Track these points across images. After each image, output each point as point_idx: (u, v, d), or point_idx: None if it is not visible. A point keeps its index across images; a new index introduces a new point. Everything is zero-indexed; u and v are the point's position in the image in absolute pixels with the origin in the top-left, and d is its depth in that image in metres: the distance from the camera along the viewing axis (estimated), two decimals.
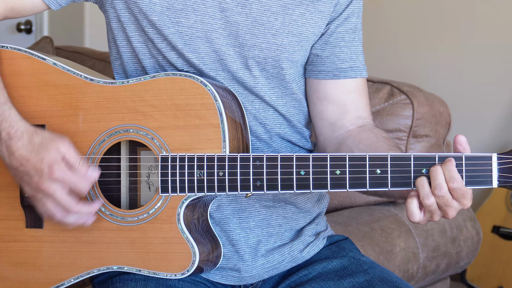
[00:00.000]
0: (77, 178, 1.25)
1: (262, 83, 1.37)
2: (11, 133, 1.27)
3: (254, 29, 1.34)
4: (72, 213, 1.27)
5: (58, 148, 1.25)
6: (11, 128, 1.27)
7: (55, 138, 1.27)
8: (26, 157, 1.26)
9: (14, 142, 1.26)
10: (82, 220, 1.28)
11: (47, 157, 1.25)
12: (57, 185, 1.25)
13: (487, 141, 3.29)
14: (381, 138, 1.38)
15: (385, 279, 1.37)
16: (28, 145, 1.26)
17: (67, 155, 1.25)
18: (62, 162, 1.25)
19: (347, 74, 1.42)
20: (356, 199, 2.16)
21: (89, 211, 1.28)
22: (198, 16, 1.33)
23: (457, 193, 1.17)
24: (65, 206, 1.26)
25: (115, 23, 1.37)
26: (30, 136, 1.27)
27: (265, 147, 1.39)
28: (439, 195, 1.17)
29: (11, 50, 1.38)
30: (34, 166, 1.25)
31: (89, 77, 1.34)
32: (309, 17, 1.38)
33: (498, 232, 3.00)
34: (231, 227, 1.38)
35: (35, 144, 1.26)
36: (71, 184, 1.25)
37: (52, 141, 1.26)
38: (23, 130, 1.27)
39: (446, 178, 1.17)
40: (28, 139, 1.26)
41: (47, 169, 1.24)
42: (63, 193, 1.25)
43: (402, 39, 3.57)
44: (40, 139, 1.26)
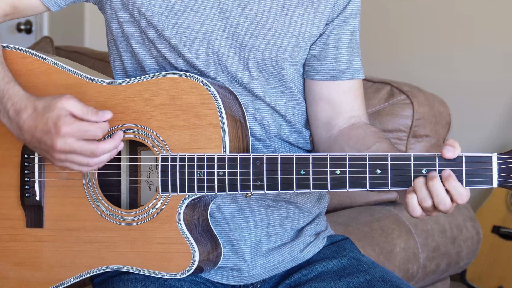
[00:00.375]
0: (87, 125, 1.22)
1: (262, 83, 1.37)
2: (17, 108, 1.26)
3: (254, 30, 1.34)
4: (99, 153, 1.23)
5: (62, 105, 1.22)
6: (16, 104, 1.26)
7: (57, 97, 1.23)
8: (33, 126, 1.23)
9: (21, 116, 1.25)
10: (114, 152, 1.25)
11: (50, 117, 1.22)
12: (70, 139, 1.21)
13: (487, 141, 3.29)
14: (369, 132, 1.38)
15: (385, 279, 1.37)
16: (32, 113, 1.24)
17: (73, 109, 1.22)
18: (67, 115, 1.21)
19: (343, 76, 1.42)
20: (356, 199, 2.16)
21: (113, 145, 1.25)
22: (198, 17, 1.33)
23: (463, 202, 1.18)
24: (87, 151, 1.23)
25: (115, 24, 1.37)
26: (34, 104, 1.25)
27: (264, 148, 1.39)
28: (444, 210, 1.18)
29: (11, 49, 1.38)
30: (42, 130, 1.23)
31: (90, 77, 1.34)
32: (308, 18, 1.38)
33: (498, 232, 3.00)
34: (231, 227, 1.38)
35: (39, 109, 1.24)
36: (82, 133, 1.22)
37: (54, 100, 1.23)
38: (26, 102, 1.26)
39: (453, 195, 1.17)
40: (32, 108, 1.25)
41: (53, 128, 1.21)
42: (80, 143, 1.22)
43: (402, 39, 3.57)
44: (43, 103, 1.24)
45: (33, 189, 1.36)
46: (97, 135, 1.23)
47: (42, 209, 1.36)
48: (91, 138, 1.23)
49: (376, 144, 1.33)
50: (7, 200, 1.38)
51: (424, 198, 1.18)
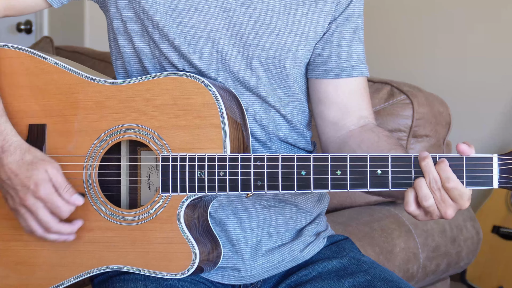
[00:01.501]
0: (60, 202, 1.29)
1: (265, 83, 1.37)
2: (5, 146, 1.30)
3: (258, 29, 1.35)
4: (52, 232, 1.31)
5: (47, 170, 1.28)
6: (5, 142, 1.30)
7: (46, 159, 1.30)
8: (15, 172, 1.28)
9: (6, 156, 1.29)
10: (62, 238, 1.32)
11: (35, 175, 1.28)
12: (40, 204, 1.29)
13: (487, 141, 3.29)
14: (382, 137, 1.38)
15: (385, 279, 1.37)
16: (19, 161, 1.29)
17: (54, 178, 1.28)
18: (49, 182, 1.28)
19: (348, 73, 1.42)
20: (356, 199, 2.16)
21: (69, 231, 1.31)
22: (202, 16, 1.33)
23: (453, 193, 1.18)
24: (46, 225, 1.30)
25: (117, 23, 1.37)
26: (23, 153, 1.30)
27: (264, 149, 1.39)
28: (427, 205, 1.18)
29: (12, 49, 1.38)
30: (22, 181, 1.28)
31: (90, 77, 1.34)
32: (311, 16, 1.38)
33: (498, 232, 3.00)
34: (231, 227, 1.38)
35: (26, 161, 1.29)
36: (53, 206, 1.29)
37: (42, 161, 1.29)
38: (16, 146, 1.30)
39: (442, 178, 1.18)
40: (20, 155, 1.29)
41: (33, 186, 1.28)
42: (45, 213, 1.29)
43: (402, 39, 3.57)
44: (32, 158, 1.29)
45: None
46: (62, 216, 1.30)
47: None
48: (57, 215, 1.29)
49: (391, 152, 1.32)
50: None
51: (424, 197, 1.18)
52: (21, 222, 1.32)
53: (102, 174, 1.33)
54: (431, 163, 1.18)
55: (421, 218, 1.22)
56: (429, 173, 1.18)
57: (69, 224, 1.31)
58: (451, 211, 1.19)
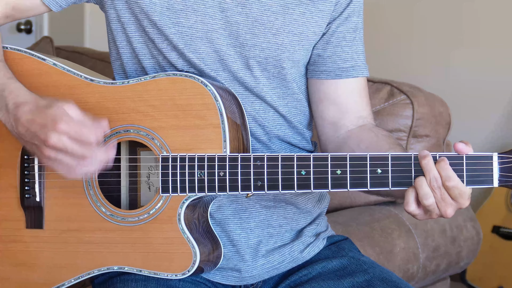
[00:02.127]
0: (83, 127, 1.21)
1: (264, 83, 1.37)
2: (18, 102, 1.26)
3: (255, 29, 1.34)
4: (89, 158, 1.22)
5: (62, 105, 1.22)
6: (17, 98, 1.26)
7: (60, 100, 1.24)
8: (31, 119, 1.23)
9: (20, 109, 1.25)
10: (103, 161, 1.23)
11: (51, 113, 1.21)
12: (64, 137, 1.20)
13: (487, 141, 3.29)
14: (381, 137, 1.38)
15: (385, 279, 1.37)
16: (34, 109, 1.24)
17: (72, 112, 1.22)
18: (67, 115, 1.21)
19: (348, 74, 1.42)
20: (356, 199, 2.16)
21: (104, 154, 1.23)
22: (198, 17, 1.33)
23: (454, 192, 1.18)
24: (79, 154, 1.21)
25: (115, 23, 1.37)
26: (36, 100, 1.25)
27: (264, 149, 1.39)
28: (427, 204, 1.18)
29: (10, 50, 1.38)
30: (39, 123, 1.22)
31: (89, 78, 1.34)
32: (309, 16, 1.38)
33: (498, 232, 3.00)
34: (231, 227, 1.38)
35: (40, 105, 1.24)
36: (77, 134, 1.21)
37: (56, 101, 1.23)
38: (29, 97, 1.26)
39: (442, 177, 1.17)
40: (34, 104, 1.25)
41: (50, 122, 1.20)
42: (73, 143, 1.21)
43: (402, 39, 3.57)
44: (46, 102, 1.24)
45: (33, 190, 1.35)
46: (90, 139, 1.21)
47: (42, 210, 1.36)
48: (85, 141, 1.21)
49: (390, 151, 1.32)
50: (7, 201, 1.37)
51: (425, 195, 1.18)
52: (58, 169, 1.24)
53: (102, 175, 1.33)
54: (431, 162, 1.18)
55: (420, 217, 1.22)
56: (429, 172, 1.18)
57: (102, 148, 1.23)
58: (451, 210, 1.19)
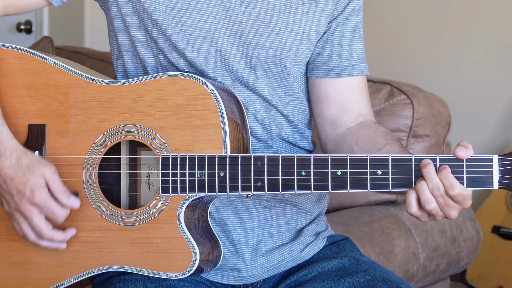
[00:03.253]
0: (56, 207, 1.29)
1: (266, 82, 1.37)
2: (1, 150, 1.29)
3: (258, 28, 1.35)
4: (44, 239, 1.31)
5: (44, 174, 1.28)
6: (1, 145, 1.29)
7: (43, 163, 1.29)
8: (10, 176, 1.28)
9: (2, 160, 1.28)
10: (55, 245, 1.32)
11: (31, 180, 1.27)
12: (35, 210, 1.28)
13: (487, 141, 3.29)
14: (379, 133, 1.38)
15: (385, 279, 1.37)
16: (15, 165, 1.28)
17: (51, 182, 1.28)
18: (45, 188, 1.28)
19: (348, 72, 1.42)
20: (356, 199, 2.16)
21: (61, 238, 1.31)
22: (202, 16, 1.33)
23: (457, 198, 1.18)
24: (39, 231, 1.30)
25: (118, 21, 1.37)
26: (19, 157, 1.29)
27: (265, 148, 1.39)
28: (429, 209, 1.18)
29: (11, 49, 1.37)
30: (17, 187, 1.28)
31: (90, 77, 1.34)
32: (312, 15, 1.38)
33: (498, 232, 3.00)
34: (231, 227, 1.38)
35: (22, 165, 1.28)
36: (48, 211, 1.29)
37: (39, 164, 1.28)
38: (12, 150, 1.29)
39: (445, 186, 1.17)
40: (16, 160, 1.29)
41: (28, 192, 1.27)
42: (39, 219, 1.29)
43: (402, 39, 3.57)
44: (28, 162, 1.29)
45: None
46: (58, 221, 1.30)
47: None
48: (52, 220, 1.30)
49: (387, 146, 1.33)
50: None
51: (427, 201, 1.18)
52: (15, 226, 1.32)
53: (102, 174, 1.33)
54: (432, 171, 1.18)
55: (424, 219, 1.22)
56: (431, 181, 1.17)
57: (62, 232, 1.31)
58: (455, 212, 1.20)
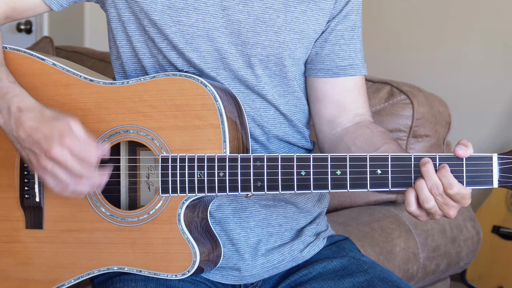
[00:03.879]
0: (87, 147, 1.22)
1: (265, 81, 1.37)
2: (22, 106, 1.25)
3: (256, 27, 1.35)
4: (84, 179, 1.24)
5: (69, 121, 1.23)
6: (22, 102, 1.26)
7: (67, 115, 1.25)
8: (36, 127, 1.23)
9: (25, 114, 1.24)
10: (96, 184, 1.25)
11: (57, 126, 1.22)
12: (67, 152, 1.21)
13: (487, 141, 3.29)
14: (376, 133, 1.38)
15: (385, 279, 1.37)
16: (39, 116, 1.24)
17: (77, 130, 1.22)
18: (72, 131, 1.22)
19: (346, 72, 1.42)
20: (356, 199, 2.16)
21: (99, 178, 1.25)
22: (200, 15, 1.33)
23: (456, 197, 1.18)
24: (77, 172, 1.23)
25: (115, 22, 1.37)
26: (41, 109, 1.25)
27: (263, 149, 1.39)
28: (428, 207, 1.18)
29: (10, 50, 1.37)
30: (44, 134, 1.22)
31: (89, 78, 1.34)
32: (310, 14, 1.38)
33: (498, 232, 3.00)
34: (231, 226, 1.38)
35: (46, 116, 1.24)
36: (81, 152, 1.22)
37: (63, 115, 1.24)
38: (33, 104, 1.26)
39: (444, 184, 1.18)
40: (39, 112, 1.25)
41: (57, 135, 1.21)
42: (73, 160, 1.22)
43: (402, 39, 3.57)
44: (51, 113, 1.25)
45: (33, 190, 1.35)
46: (91, 160, 1.22)
47: (42, 210, 1.36)
48: (86, 161, 1.22)
49: (384, 146, 1.33)
50: (7, 201, 1.37)
51: (426, 199, 1.18)
52: (48, 181, 1.25)
53: None
54: (431, 170, 1.18)
55: (423, 218, 1.22)
56: (429, 179, 1.18)
57: (99, 172, 1.25)
58: (454, 211, 1.20)
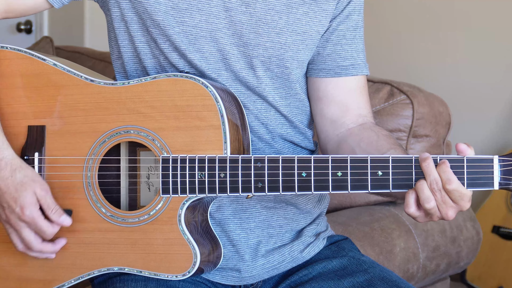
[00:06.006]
0: (45, 224, 1.30)
1: (266, 83, 1.37)
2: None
3: (258, 28, 1.34)
4: (33, 251, 1.32)
5: (35, 191, 1.29)
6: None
7: (36, 180, 1.30)
8: (2, 189, 1.29)
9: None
10: (44, 256, 1.33)
11: (22, 197, 1.28)
12: (24, 225, 1.30)
13: (487, 141, 3.29)
14: (382, 136, 1.38)
15: (385, 279, 1.37)
16: (8, 178, 1.29)
17: (43, 200, 1.29)
18: (36, 205, 1.29)
19: (348, 72, 1.42)
20: (356, 199, 2.16)
21: (51, 250, 1.32)
22: (203, 16, 1.33)
23: (454, 195, 1.18)
24: (28, 244, 1.31)
25: (118, 22, 1.37)
26: (13, 170, 1.29)
27: (267, 148, 1.39)
28: (428, 208, 1.18)
29: (10, 50, 1.37)
30: (8, 201, 1.29)
31: (90, 78, 1.33)
32: (312, 15, 1.38)
33: (498, 232, 3.00)
34: (231, 227, 1.38)
35: (16, 180, 1.29)
36: (37, 228, 1.30)
37: (32, 182, 1.29)
38: (7, 161, 1.30)
39: (442, 180, 1.17)
40: (10, 173, 1.29)
41: (18, 209, 1.28)
42: (28, 233, 1.30)
43: (402, 39, 3.57)
44: (21, 177, 1.29)
45: None
46: (46, 237, 1.31)
47: None
48: (40, 234, 1.31)
49: (391, 151, 1.32)
50: None
51: (426, 199, 1.18)
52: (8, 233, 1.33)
53: (102, 175, 1.33)
54: (432, 164, 1.18)
55: (421, 220, 1.22)
56: (430, 175, 1.18)
57: (52, 243, 1.32)
58: (452, 212, 1.20)
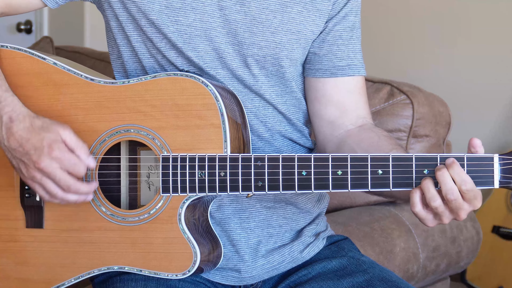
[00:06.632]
0: (76, 159, 1.25)
1: (262, 81, 1.37)
2: (13, 116, 1.27)
3: (253, 27, 1.34)
4: (71, 191, 1.27)
5: (59, 131, 1.25)
6: (13, 112, 1.28)
7: (56, 123, 1.27)
8: (26, 137, 1.25)
9: (16, 124, 1.26)
10: (82, 198, 1.28)
11: (47, 137, 1.24)
12: (56, 164, 1.24)
13: (488, 141, 3.29)
14: (382, 137, 1.38)
15: (384, 279, 1.37)
16: (29, 127, 1.26)
17: (68, 138, 1.25)
18: (62, 143, 1.25)
19: (344, 72, 1.42)
20: (356, 199, 2.16)
21: (87, 189, 1.28)
22: (197, 15, 1.33)
23: (469, 195, 1.17)
24: (64, 184, 1.25)
25: (114, 22, 1.37)
26: (32, 119, 1.27)
27: (267, 146, 1.39)
28: (452, 199, 1.16)
29: (11, 49, 1.37)
30: (34, 145, 1.25)
31: (90, 77, 1.34)
32: (307, 15, 1.38)
33: (498, 232, 3.00)
34: (231, 227, 1.38)
35: (36, 126, 1.26)
36: (69, 164, 1.25)
37: (53, 124, 1.26)
38: (25, 114, 1.28)
39: (456, 181, 1.16)
40: (29, 122, 1.27)
41: (46, 147, 1.24)
42: (62, 172, 1.25)
43: (402, 39, 3.57)
44: (41, 123, 1.27)
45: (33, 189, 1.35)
46: (80, 172, 1.26)
47: (42, 210, 1.36)
48: (74, 173, 1.26)
49: (393, 151, 1.32)
50: (7, 201, 1.37)
51: (432, 197, 1.17)
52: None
53: (102, 174, 1.33)
54: (446, 173, 1.16)
55: (431, 223, 1.20)
56: (446, 184, 1.16)
57: (86, 183, 1.28)
58: (465, 213, 1.18)
